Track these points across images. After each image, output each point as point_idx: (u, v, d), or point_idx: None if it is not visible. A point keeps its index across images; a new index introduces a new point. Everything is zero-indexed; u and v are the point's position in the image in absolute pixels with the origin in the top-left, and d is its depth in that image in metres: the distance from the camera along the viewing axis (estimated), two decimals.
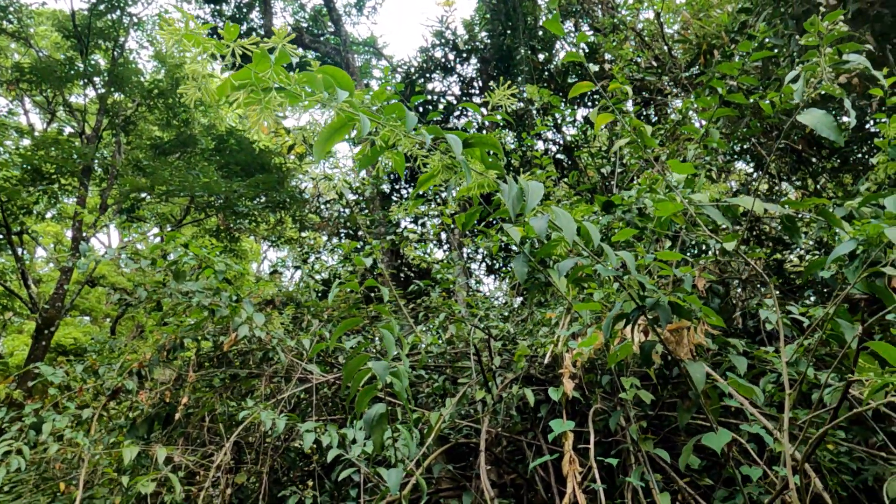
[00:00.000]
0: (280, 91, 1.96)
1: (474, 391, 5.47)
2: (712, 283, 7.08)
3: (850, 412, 2.59)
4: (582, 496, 3.58)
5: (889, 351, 2.20)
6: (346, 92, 2.13)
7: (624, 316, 3.19)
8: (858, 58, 2.87)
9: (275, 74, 1.91)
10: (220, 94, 1.88)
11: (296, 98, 2.01)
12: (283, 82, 1.94)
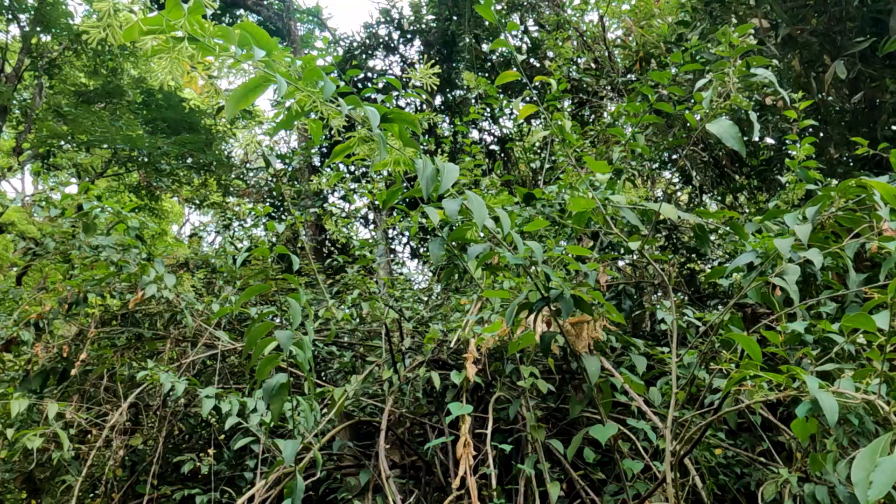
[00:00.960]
0: (192, 42, 1.90)
1: (382, 370, 5.47)
2: (626, 286, 7.26)
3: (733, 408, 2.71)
4: (473, 480, 3.63)
5: (749, 343, 2.30)
6: (264, 52, 2.09)
7: (528, 305, 3.24)
8: (764, 72, 2.98)
9: (188, 24, 1.86)
10: (126, 37, 1.82)
11: (208, 51, 1.96)
12: (196, 33, 1.89)
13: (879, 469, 1.50)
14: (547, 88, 6.82)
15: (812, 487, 3.88)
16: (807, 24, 7.85)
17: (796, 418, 3.49)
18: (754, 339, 2.35)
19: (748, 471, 5.28)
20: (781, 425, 5.43)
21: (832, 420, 1.89)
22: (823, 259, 2.75)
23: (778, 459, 5.03)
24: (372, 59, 12.70)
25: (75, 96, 10.85)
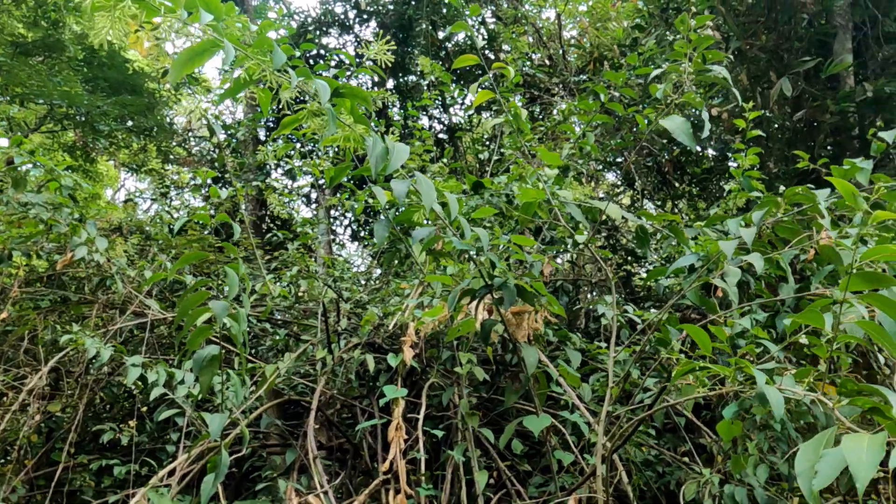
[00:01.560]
0: (136, 1, 1.82)
1: (316, 350, 5.40)
2: (563, 282, 7.34)
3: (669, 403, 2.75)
4: (402, 463, 3.61)
5: (700, 335, 2.34)
6: (212, 16, 2.02)
7: (471, 292, 3.23)
8: (719, 68, 3.03)
9: None
10: None
11: (153, 11, 1.88)
12: None
13: (824, 460, 1.54)
14: (501, 81, 6.83)
15: (732, 488, 3.97)
16: (757, 40, 8.04)
17: (722, 420, 3.58)
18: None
19: (669, 470, 5.40)
20: (704, 428, 5.57)
21: (778, 413, 1.94)
22: (762, 266, 2.80)
23: (698, 461, 5.16)
24: (326, 37, 12.51)
25: (12, 47, 10.37)
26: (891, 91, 7.02)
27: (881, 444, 1.47)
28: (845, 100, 7.19)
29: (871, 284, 1.92)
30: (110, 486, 5.64)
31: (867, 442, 1.49)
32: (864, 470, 1.43)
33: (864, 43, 8.30)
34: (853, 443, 1.49)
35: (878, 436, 1.52)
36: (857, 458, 1.48)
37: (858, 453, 1.48)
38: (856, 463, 1.46)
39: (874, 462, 1.44)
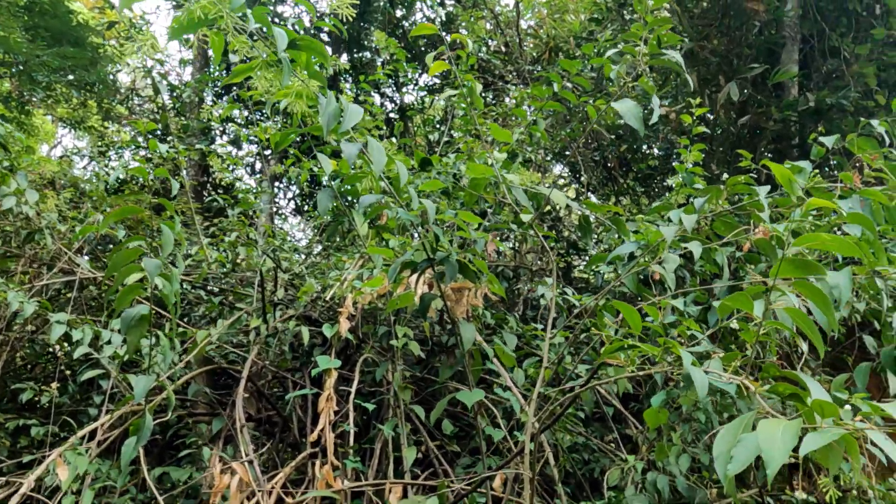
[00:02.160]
0: None
1: (250, 319, 5.30)
2: (504, 268, 7.37)
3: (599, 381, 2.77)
4: (331, 435, 3.58)
5: (631, 313, 2.36)
6: None
7: (412, 264, 3.20)
8: (674, 53, 3.05)
9: None
10: None
11: None
12: None
13: (741, 444, 1.55)
14: (457, 62, 6.77)
15: (654, 476, 4.06)
16: (709, 43, 8.18)
17: (649, 408, 3.64)
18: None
19: (595, 457, 5.49)
20: (632, 418, 5.68)
21: (702, 394, 1.96)
22: (700, 252, 2.84)
23: (623, 450, 5.25)
24: (281, 5, 12.26)
25: None
26: (832, 103, 7.23)
27: (796, 431, 1.48)
28: (788, 108, 7.37)
29: (801, 272, 1.96)
30: (26, 447, 5.46)
31: (782, 428, 1.50)
32: (776, 455, 1.44)
33: (810, 55, 8.53)
34: (768, 428, 1.50)
35: (794, 422, 1.54)
36: (771, 444, 1.49)
37: (773, 439, 1.49)
38: (769, 449, 1.47)
39: (787, 448, 1.46)
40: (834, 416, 1.51)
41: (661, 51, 3.02)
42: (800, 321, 1.97)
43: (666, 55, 3.02)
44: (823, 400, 1.55)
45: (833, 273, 2.21)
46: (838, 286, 2.15)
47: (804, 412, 1.67)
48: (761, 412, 1.83)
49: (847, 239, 1.85)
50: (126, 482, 4.75)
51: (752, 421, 1.61)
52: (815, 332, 1.98)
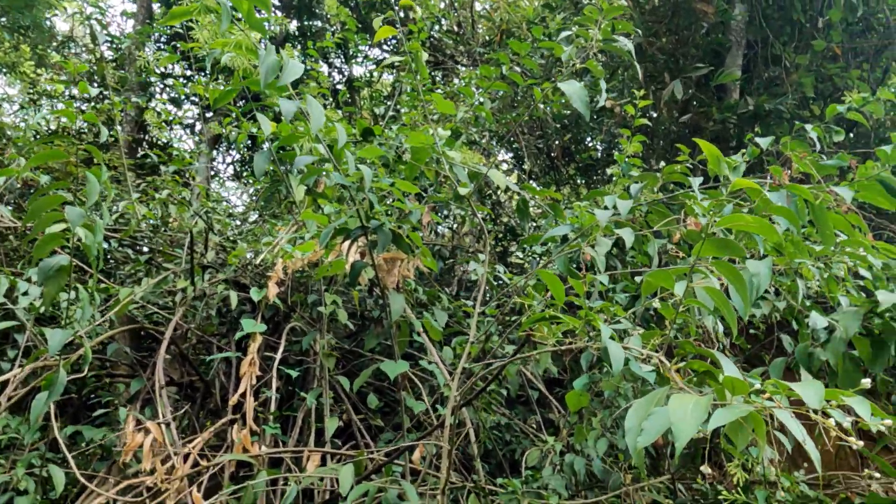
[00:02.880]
0: None
1: (177, 280, 5.17)
2: (441, 248, 7.37)
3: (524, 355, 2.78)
4: (251, 400, 3.52)
5: (553, 281, 2.37)
6: None
7: (346, 231, 3.16)
8: (624, 41, 3.08)
9: None
10: None
11: None
12: None
13: (652, 417, 1.57)
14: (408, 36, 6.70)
15: (572, 458, 4.12)
16: (657, 40, 8.29)
17: (572, 391, 3.69)
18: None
19: (517, 439, 5.56)
20: (555, 402, 5.76)
21: (617, 368, 1.98)
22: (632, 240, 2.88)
23: (545, 434, 5.33)
24: None
25: None
26: (770, 108, 7.41)
27: (706, 406, 1.50)
28: (729, 110, 7.53)
29: (722, 252, 2.00)
30: None
31: (693, 402, 1.52)
32: (686, 429, 1.45)
33: (754, 61, 8.73)
34: (679, 402, 1.52)
35: (705, 398, 1.56)
36: (681, 417, 1.50)
37: (683, 412, 1.51)
38: (679, 422, 1.48)
39: (697, 421, 1.48)
40: (744, 392, 1.54)
41: (613, 37, 3.04)
42: (717, 299, 2.01)
43: (618, 41, 3.04)
44: (735, 377, 1.58)
45: (753, 262, 2.26)
46: (758, 275, 2.20)
47: (716, 389, 1.69)
48: (675, 388, 1.85)
49: (768, 222, 1.89)
50: (35, 439, 4.59)
51: (664, 396, 1.63)
52: (730, 312, 2.03)
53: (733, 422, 1.51)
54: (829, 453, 6.82)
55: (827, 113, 3.75)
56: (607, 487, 4.16)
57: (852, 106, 3.62)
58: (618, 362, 1.97)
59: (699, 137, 7.82)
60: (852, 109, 3.62)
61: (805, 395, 1.41)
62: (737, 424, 1.57)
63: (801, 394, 1.41)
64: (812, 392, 1.42)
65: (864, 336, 3.46)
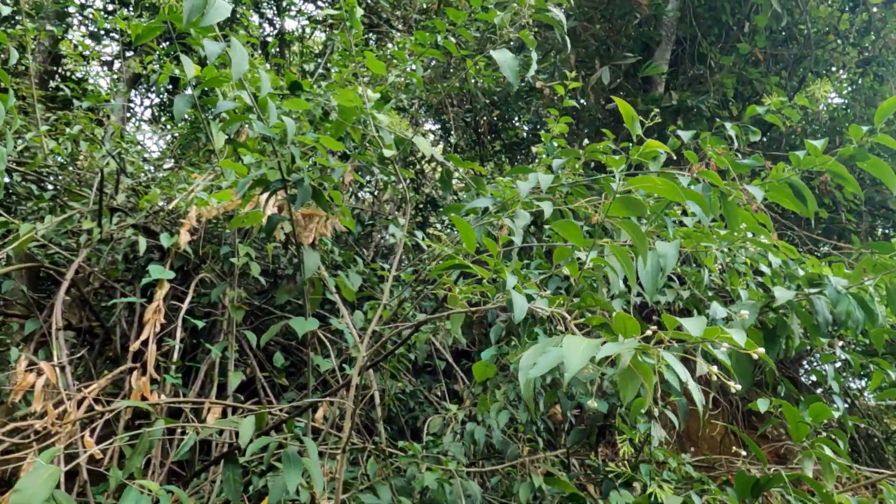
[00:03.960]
0: None
1: (84, 220, 4.97)
2: (361, 212, 7.32)
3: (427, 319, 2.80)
4: (153, 347, 3.43)
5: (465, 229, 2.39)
6: None
7: (265, 183, 3.10)
8: (557, 12, 3.11)
9: None
10: None
11: None
12: None
13: (544, 355, 1.62)
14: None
15: (473, 427, 4.19)
16: (591, 26, 8.40)
17: (479, 361, 3.75)
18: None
19: (421, 407, 5.62)
20: (461, 373, 5.84)
21: (519, 316, 2.00)
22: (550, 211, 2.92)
23: (448, 403, 5.40)
24: None
25: None
26: (692, 105, 7.63)
27: (596, 345, 1.58)
28: (653, 102, 7.72)
29: (629, 211, 2.07)
30: None
31: (585, 343, 1.59)
32: (575, 362, 1.51)
33: (681, 57, 8.95)
34: (572, 341, 1.59)
35: (595, 340, 1.63)
36: (572, 353, 1.56)
37: (574, 349, 1.57)
38: (570, 355, 1.54)
39: (585, 357, 1.54)
40: (636, 333, 1.61)
41: (546, 6, 3.06)
42: (620, 257, 2.08)
43: (550, 12, 3.06)
44: (627, 316, 1.64)
45: (661, 243, 2.34)
46: (665, 255, 2.28)
47: (608, 337, 1.75)
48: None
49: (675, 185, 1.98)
50: None
51: (560, 340, 1.68)
52: (632, 272, 2.11)
53: (624, 371, 1.58)
54: (714, 439, 7.19)
55: (746, 113, 3.88)
56: (505, 458, 4.26)
57: (770, 109, 3.76)
58: (520, 311, 2.00)
59: (620, 128, 7.98)
60: (770, 112, 3.76)
61: (689, 327, 1.50)
62: (627, 373, 1.63)
63: (686, 327, 1.51)
64: (695, 325, 1.52)
65: (758, 329, 3.64)
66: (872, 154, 2.50)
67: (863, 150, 2.45)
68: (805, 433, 3.20)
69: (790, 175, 2.62)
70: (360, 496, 3.21)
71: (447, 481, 3.36)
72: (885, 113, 2.36)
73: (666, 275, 2.33)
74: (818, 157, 2.51)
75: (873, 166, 2.47)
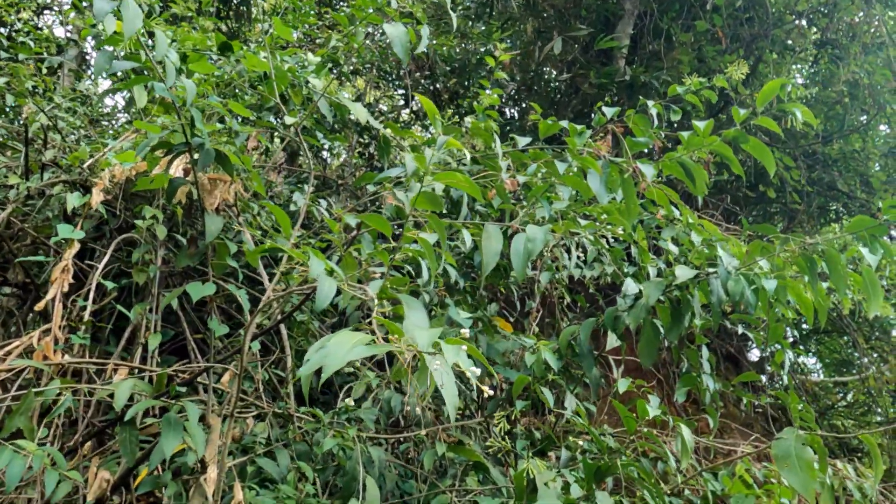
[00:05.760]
0: None
1: (10, 174, 4.88)
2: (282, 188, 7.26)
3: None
4: (60, 305, 3.41)
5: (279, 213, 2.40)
6: None
7: (168, 145, 3.07)
8: None
9: None
10: None
11: None
12: None
13: (321, 350, 1.59)
14: None
15: (391, 394, 4.24)
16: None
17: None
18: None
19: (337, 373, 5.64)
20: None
21: (320, 304, 1.96)
22: None
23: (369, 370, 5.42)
24: None
25: None
26: (645, 80, 7.63)
27: (363, 342, 1.56)
28: (606, 76, 7.71)
29: (431, 205, 2.20)
30: None
31: (355, 338, 1.57)
32: (334, 362, 1.48)
33: (641, 33, 8.93)
34: (341, 337, 1.56)
35: (365, 336, 1.62)
36: (335, 352, 1.54)
37: (339, 347, 1.55)
38: (334, 352, 1.51)
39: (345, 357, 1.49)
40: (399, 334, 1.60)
41: None
42: (426, 248, 2.14)
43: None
44: (392, 324, 1.62)
45: (532, 227, 2.36)
46: (534, 240, 2.31)
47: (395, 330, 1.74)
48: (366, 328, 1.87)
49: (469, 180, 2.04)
50: None
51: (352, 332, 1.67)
52: (434, 262, 2.17)
53: (401, 369, 1.58)
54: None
55: (669, 92, 3.89)
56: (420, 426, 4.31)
57: (690, 89, 3.76)
58: (324, 298, 1.96)
59: (574, 99, 7.97)
60: (689, 92, 3.77)
61: (417, 337, 1.50)
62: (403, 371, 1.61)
63: (413, 334, 1.50)
64: (423, 336, 1.51)
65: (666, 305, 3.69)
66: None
67: (743, 132, 2.47)
68: (645, 415, 3.33)
69: (681, 155, 2.64)
70: (257, 460, 3.24)
71: (350, 447, 3.40)
72: (767, 96, 2.38)
73: (534, 257, 2.35)
74: (706, 138, 2.53)
75: (753, 147, 2.49)
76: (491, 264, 2.34)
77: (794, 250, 2.71)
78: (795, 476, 2.13)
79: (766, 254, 2.87)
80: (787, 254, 2.77)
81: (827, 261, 2.61)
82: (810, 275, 2.73)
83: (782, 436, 2.25)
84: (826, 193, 9.91)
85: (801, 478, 2.12)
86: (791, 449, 2.18)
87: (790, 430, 2.26)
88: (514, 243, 2.33)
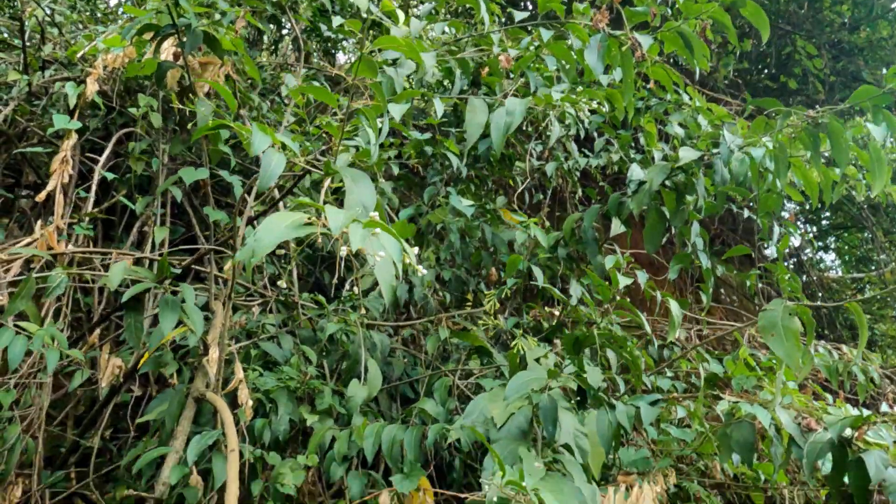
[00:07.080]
0: None
1: (8, 72, 4.83)
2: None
3: None
4: (61, 196, 3.42)
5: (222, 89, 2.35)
6: None
7: (155, 28, 3.00)
8: None
9: None
10: None
11: None
12: None
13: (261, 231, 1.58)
14: None
15: (398, 283, 4.26)
16: None
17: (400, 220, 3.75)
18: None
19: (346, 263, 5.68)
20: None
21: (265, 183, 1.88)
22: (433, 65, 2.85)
23: None
24: None
25: None
26: None
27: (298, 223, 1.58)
28: None
29: (371, 73, 2.19)
30: None
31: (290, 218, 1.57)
32: (270, 238, 1.51)
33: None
34: (274, 218, 1.58)
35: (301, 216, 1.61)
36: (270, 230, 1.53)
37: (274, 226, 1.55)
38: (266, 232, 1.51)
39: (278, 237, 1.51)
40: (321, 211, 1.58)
41: None
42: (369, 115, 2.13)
43: None
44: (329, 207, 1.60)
45: (512, 99, 2.30)
46: (513, 112, 2.25)
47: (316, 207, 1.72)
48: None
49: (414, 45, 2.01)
50: None
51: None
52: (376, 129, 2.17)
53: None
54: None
55: None
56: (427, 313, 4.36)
57: None
58: (269, 175, 1.90)
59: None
60: None
61: (330, 218, 1.47)
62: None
63: (329, 214, 1.48)
64: (336, 217, 1.50)
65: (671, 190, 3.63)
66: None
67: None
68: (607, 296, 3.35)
69: (680, 24, 2.53)
70: (261, 344, 3.30)
71: (353, 331, 3.45)
72: None
73: (512, 129, 2.30)
74: (704, 4, 2.41)
75: (751, 13, 2.38)
76: (475, 135, 2.29)
77: (797, 124, 2.62)
78: (780, 345, 2.13)
79: (768, 130, 2.78)
80: (789, 129, 2.68)
81: (829, 133, 2.52)
82: (813, 150, 2.65)
83: (770, 307, 2.25)
84: (851, 85, 9.58)
85: (785, 347, 2.12)
86: (777, 319, 2.17)
87: (778, 301, 2.25)
88: (494, 117, 2.27)
